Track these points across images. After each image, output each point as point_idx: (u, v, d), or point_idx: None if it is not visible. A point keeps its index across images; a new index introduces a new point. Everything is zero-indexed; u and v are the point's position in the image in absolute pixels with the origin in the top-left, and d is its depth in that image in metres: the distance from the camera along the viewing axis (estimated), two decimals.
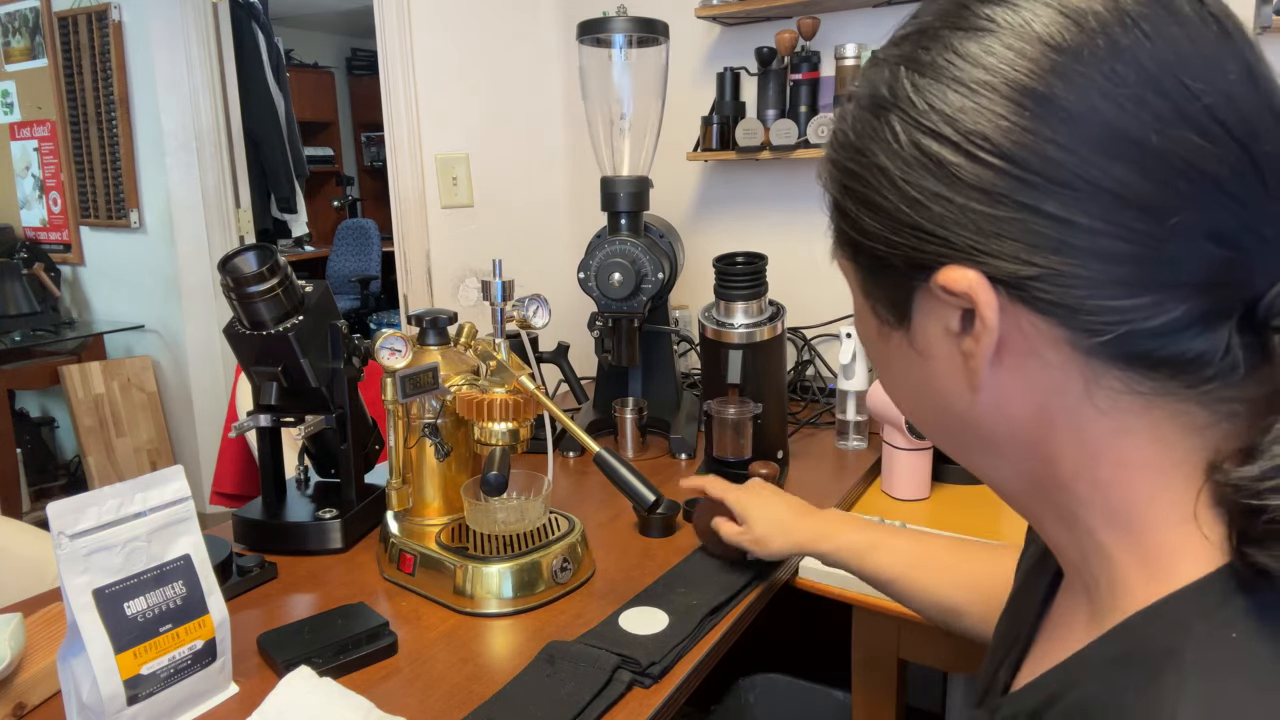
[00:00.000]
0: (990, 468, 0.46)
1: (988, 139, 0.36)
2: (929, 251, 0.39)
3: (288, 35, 5.43)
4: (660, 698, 0.88)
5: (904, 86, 0.39)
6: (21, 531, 1.56)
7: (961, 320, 0.40)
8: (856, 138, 0.41)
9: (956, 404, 0.43)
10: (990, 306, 0.38)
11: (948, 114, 0.37)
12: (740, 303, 1.35)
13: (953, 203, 0.37)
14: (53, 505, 0.77)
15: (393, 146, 2.05)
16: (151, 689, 0.81)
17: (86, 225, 3.50)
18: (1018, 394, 0.40)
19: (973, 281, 0.38)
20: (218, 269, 1.13)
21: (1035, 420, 0.41)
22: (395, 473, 1.15)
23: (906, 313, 0.42)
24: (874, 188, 0.40)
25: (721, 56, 1.92)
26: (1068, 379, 0.39)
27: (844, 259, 0.46)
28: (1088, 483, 0.41)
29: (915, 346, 0.43)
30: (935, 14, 0.39)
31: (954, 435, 0.46)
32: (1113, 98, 0.35)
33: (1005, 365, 0.40)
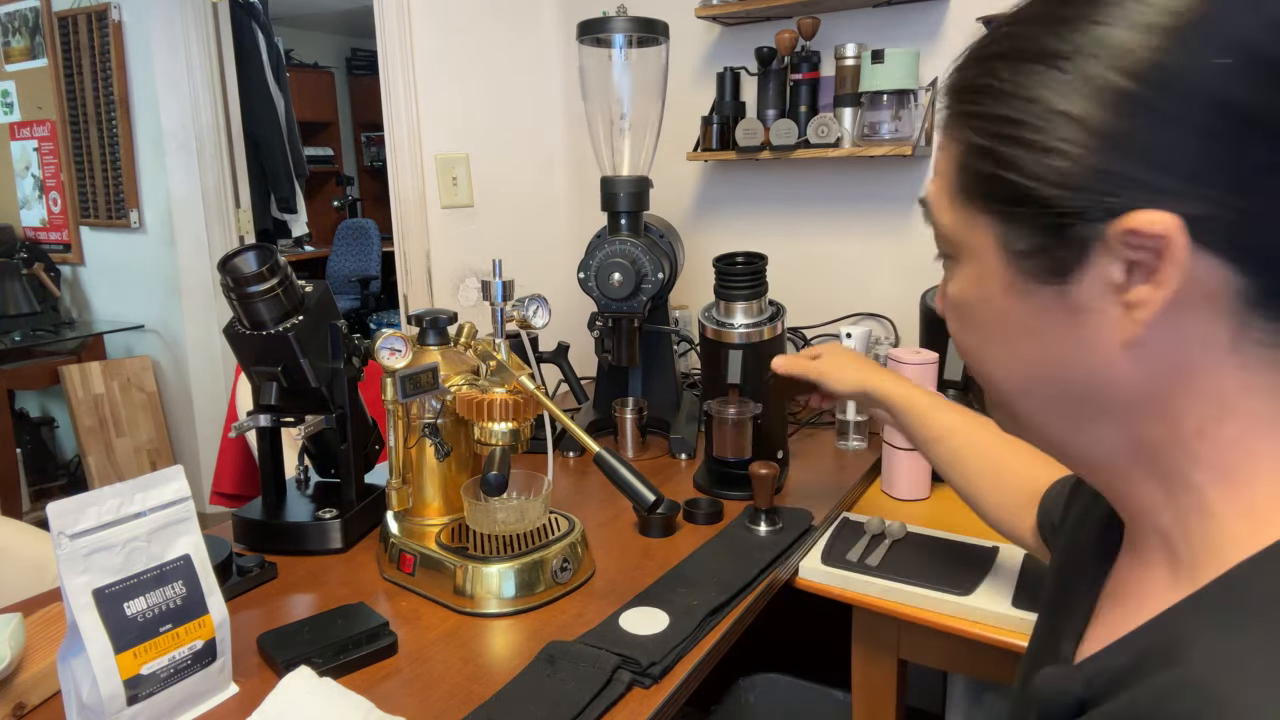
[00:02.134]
0: (1094, 436, 0.45)
1: (1181, 76, 0.37)
2: (1117, 195, 0.38)
3: (288, 35, 5.43)
4: (660, 698, 0.88)
5: (1090, 35, 0.39)
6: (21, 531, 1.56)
7: (1127, 270, 0.40)
8: (1023, 87, 0.41)
9: (1097, 362, 0.42)
10: (1183, 249, 0.37)
11: (1149, 58, 0.37)
12: (740, 303, 1.35)
13: (1156, 143, 0.37)
14: (53, 505, 0.77)
15: (393, 146, 2.05)
16: (151, 689, 0.81)
17: (86, 225, 3.50)
18: (1167, 348, 0.40)
19: (1169, 224, 0.37)
20: (218, 269, 1.13)
21: (1174, 375, 0.41)
22: (395, 473, 1.15)
23: (1069, 265, 0.41)
24: (1052, 133, 0.40)
25: (721, 56, 1.92)
26: (1218, 331, 0.39)
27: (978, 214, 0.44)
28: (1209, 440, 0.41)
29: (1069, 300, 0.42)
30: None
31: (1071, 401, 0.45)
32: None
33: (1165, 317, 0.39)
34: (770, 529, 1.22)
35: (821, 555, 1.19)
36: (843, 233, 1.83)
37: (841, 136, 1.68)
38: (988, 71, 0.43)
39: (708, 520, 1.27)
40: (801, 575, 1.18)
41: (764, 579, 1.11)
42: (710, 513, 1.28)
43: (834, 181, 1.84)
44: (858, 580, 1.14)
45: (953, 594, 1.08)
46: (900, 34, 1.73)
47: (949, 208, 0.46)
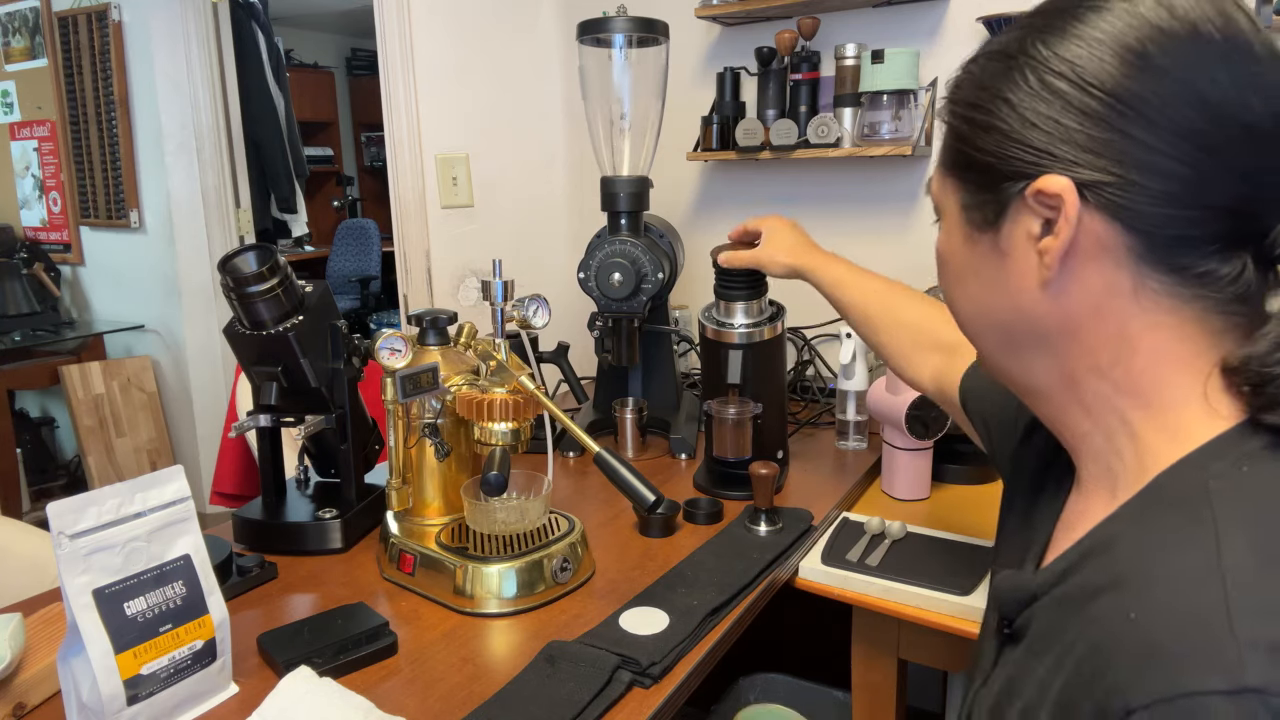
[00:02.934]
0: (1032, 364, 0.56)
1: (1098, 79, 0.48)
2: (1031, 161, 0.50)
3: (288, 35, 5.43)
4: (660, 698, 0.88)
5: (1033, 44, 0.51)
6: (21, 531, 1.56)
7: (1042, 226, 0.51)
8: (985, 80, 0.53)
9: (1024, 300, 0.53)
10: (1074, 206, 0.49)
11: (1070, 60, 0.49)
12: (740, 303, 1.35)
13: (1060, 124, 0.49)
14: (53, 505, 0.77)
15: (393, 146, 2.05)
16: (151, 689, 0.81)
17: (86, 225, 3.50)
18: (1077, 291, 0.51)
19: (1064, 185, 0.49)
20: (218, 269, 1.13)
21: (1087, 314, 0.51)
22: (395, 473, 1.15)
23: (1000, 216, 0.53)
24: (995, 115, 0.52)
25: (721, 56, 1.92)
26: (1119, 279, 0.50)
27: (949, 179, 0.57)
28: (1123, 370, 0.51)
29: (1000, 247, 0.54)
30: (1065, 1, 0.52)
31: (1010, 333, 0.56)
32: (1192, 65, 0.47)
33: (1072, 266, 0.51)
34: (770, 529, 1.22)
35: (821, 555, 1.19)
36: (843, 233, 1.83)
37: (841, 136, 1.68)
38: (968, 70, 0.55)
39: (708, 520, 1.27)
40: (801, 575, 1.18)
41: (764, 579, 1.11)
42: (710, 513, 1.28)
43: (834, 181, 1.84)
44: (858, 580, 1.14)
45: (953, 594, 1.08)
46: (900, 34, 1.73)
47: (936, 177, 0.59)
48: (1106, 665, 0.42)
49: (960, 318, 0.61)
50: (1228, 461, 0.47)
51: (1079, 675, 0.43)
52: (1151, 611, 0.42)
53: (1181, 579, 0.42)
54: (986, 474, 1.44)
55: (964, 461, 1.44)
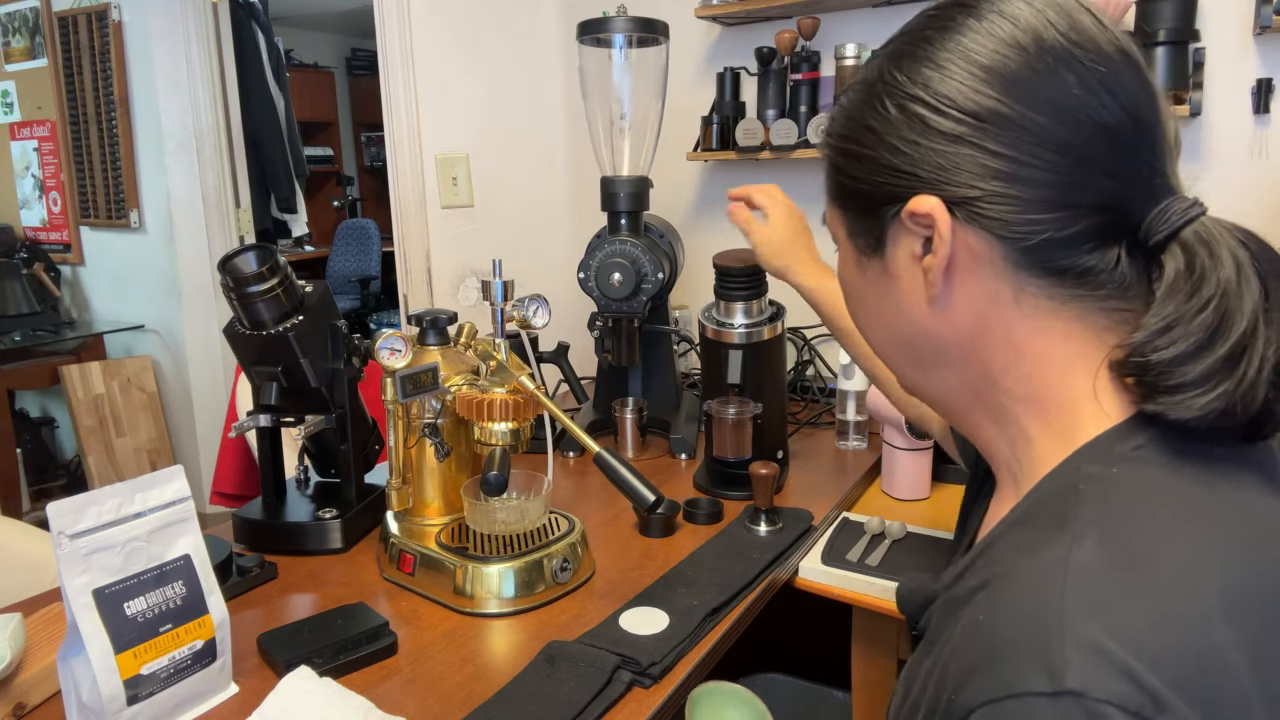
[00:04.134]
0: (940, 380, 0.57)
1: (952, 99, 0.49)
2: (902, 185, 0.51)
3: (288, 35, 5.42)
4: (660, 698, 0.88)
5: (889, 72, 0.52)
6: (21, 531, 1.56)
7: (923, 245, 0.52)
8: (852, 112, 0.54)
9: (917, 317, 0.54)
10: (945, 224, 0.50)
11: (923, 83, 0.50)
12: (740, 303, 1.35)
13: (922, 146, 0.50)
14: (53, 505, 0.77)
15: (393, 146, 2.05)
16: (151, 689, 0.81)
17: (86, 225, 3.50)
18: (963, 304, 0.52)
19: (933, 204, 0.50)
20: (218, 269, 1.13)
21: (976, 325, 0.52)
22: (395, 473, 1.15)
23: (882, 241, 0.54)
24: (863, 144, 0.53)
25: (721, 56, 1.92)
26: (1000, 288, 0.50)
27: (834, 209, 0.59)
28: (1014, 377, 0.52)
29: (888, 271, 0.55)
30: (914, 23, 0.53)
31: (913, 351, 0.57)
32: (1042, 72, 0.48)
33: (954, 280, 0.51)
34: (770, 529, 1.22)
35: (821, 555, 1.19)
36: None
37: None
38: (841, 103, 0.56)
39: (708, 520, 1.27)
40: (801, 575, 1.18)
41: (764, 579, 1.11)
42: (710, 513, 1.28)
43: None
44: (858, 580, 1.14)
45: None
46: None
47: (827, 208, 0.60)
48: (958, 665, 0.42)
49: (870, 343, 0.62)
50: (1102, 462, 0.47)
51: (943, 675, 0.44)
52: (997, 612, 0.42)
53: (1028, 579, 0.43)
54: None
55: None
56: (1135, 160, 0.48)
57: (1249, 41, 1.47)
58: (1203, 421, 0.45)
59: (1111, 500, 0.45)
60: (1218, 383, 0.44)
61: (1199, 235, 0.47)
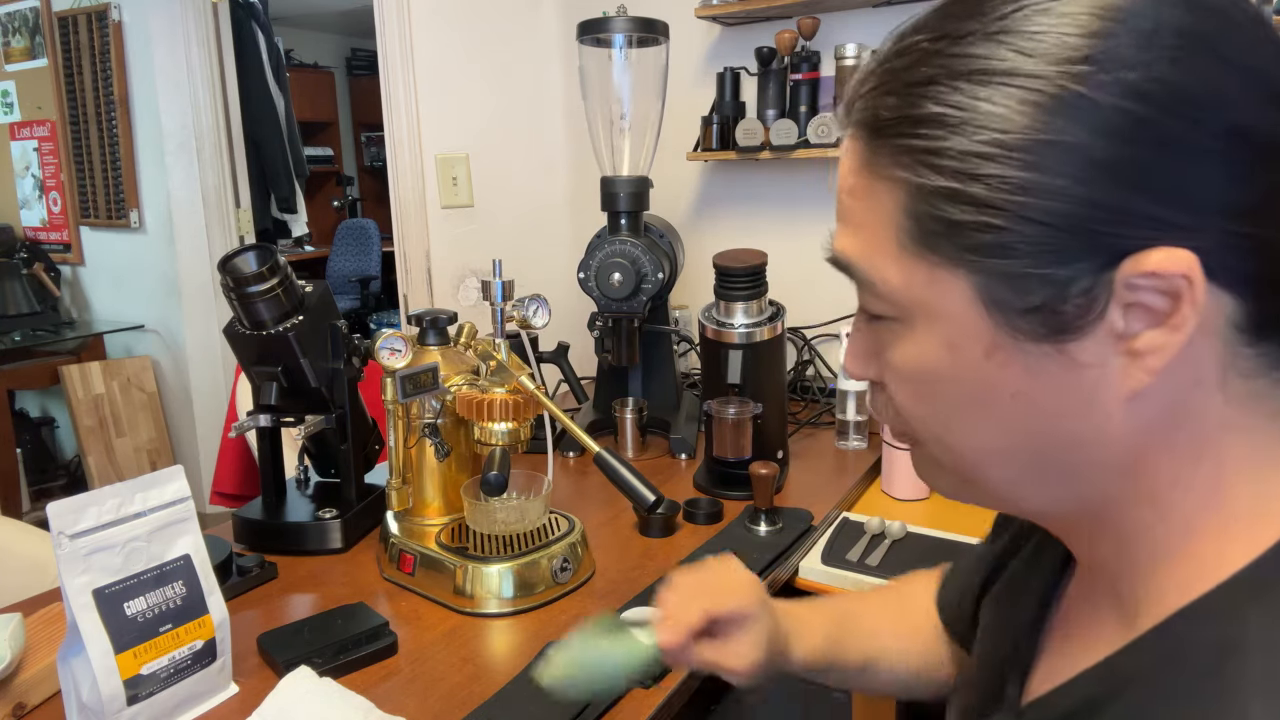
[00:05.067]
0: (1059, 496, 0.40)
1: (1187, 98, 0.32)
2: (1127, 235, 0.33)
3: (288, 35, 5.42)
4: (660, 698, 0.88)
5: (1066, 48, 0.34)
6: (21, 531, 1.56)
7: (1126, 316, 0.34)
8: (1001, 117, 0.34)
9: (1085, 424, 0.37)
10: (1202, 288, 0.33)
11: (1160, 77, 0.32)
12: (740, 303, 1.35)
13: (1164, 170, 0.32)
14: (53, 505, 0.77)
15: (393, 146, 2.05)
16: (151, 689, 0.81)
17: (86, 225, 3.50)
18: (1165, 393, 0.36)
19: (1190, 262, 0.33)
20: (218, 269, 1.13)
21: (1162, 425, 0.36)
22: (395, 473, 1.15)
23: (1075, 318, 0.35)
24: (1043, 168, 0.33)
25: (721, 56, 1.92)
26: (1209, 367, 0.35)
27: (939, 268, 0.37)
28: (1183, 489, 0.37)
29: (1068, 358, 0.36)
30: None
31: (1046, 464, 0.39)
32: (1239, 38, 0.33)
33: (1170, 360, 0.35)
34: (770, 529, 1.22)
35: (821, 555, 1.19)
36: None
37: (842, 136, 1.68)
38: (929, 97, 0.36)
39: (708, 520, 1.27)
40: (801, 575, 1.18)
41: (764, 579, 1.11)
42: (710, 513, 1.28)
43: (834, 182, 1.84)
44: (858, 580, 1.14)
45: None
46: None
47: (894, 262, 0.39)
48: None
49: (955, 451, 0.42)
50: (1267, 605, 0.34)
51: None
52: None
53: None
54: None
55: None
56: None
57: None
58: None
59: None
60: None
61: None
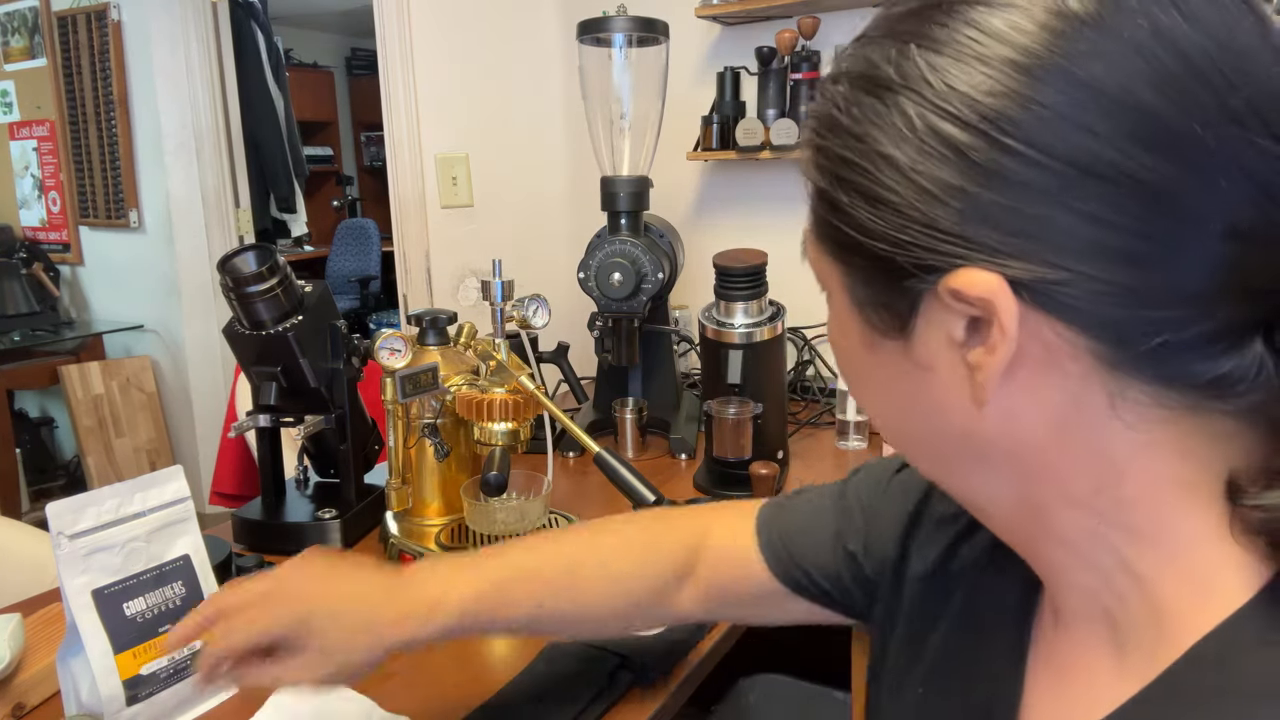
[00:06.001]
0: (981, 487, 0.42)
1: (1015, 124, 0.32)
2: (942, 251, 0.34)
3: (288, 35, 5.42)
4: (660, 698, 0.88)
5: (915, 65, 0.34)
6: (21, 531, 1.56)
7: (967, 328, 0.36)
8: (853, 122, 0.37)
9: (955, 419, 0.38)
10: (1011, 314, 0.33)
11: (970, 96, 0.33)
12: (740, 303, 1.35)
13: (973, 196, 0.33)
14: (52, 505, 0.77)
15: (393, 146, 2.05)
16: (151, 689, 0.81)
17: (86, 225, 3.50)
18: (1031, 409, 0.36)
19: (992, 285, 0.33)
20: (217, 269, 1.13)
21: (1049, 437, 0.37)
22: (395, 473, 1.15)
23: (906, 320, 0.38)
24: (877, 180, 0.35)
25: (721, 56, 1.92)
26: (1089, 392, 0.35)
27: (826, 258, 0.41)
28: (1110, 498, 0.37)
29: (912, 357, 0.38)
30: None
31: (943, 453, 0.42)
32: (1153, 83, 0.31)
33: (1019, 379, 0.36)
34: None
35: None
36: None
37: None
38: (832, 97, 0.38)
39: None
40: None
41: None
42: None
43: None
44: None
45: None
46: None
47: (813, 248, 0.42)
48: None
49: (872, 421, 0.47)
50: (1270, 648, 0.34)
51: None
52: None
53: None
54: None
55: None
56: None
57: None
58: None
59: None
60: None
61: None
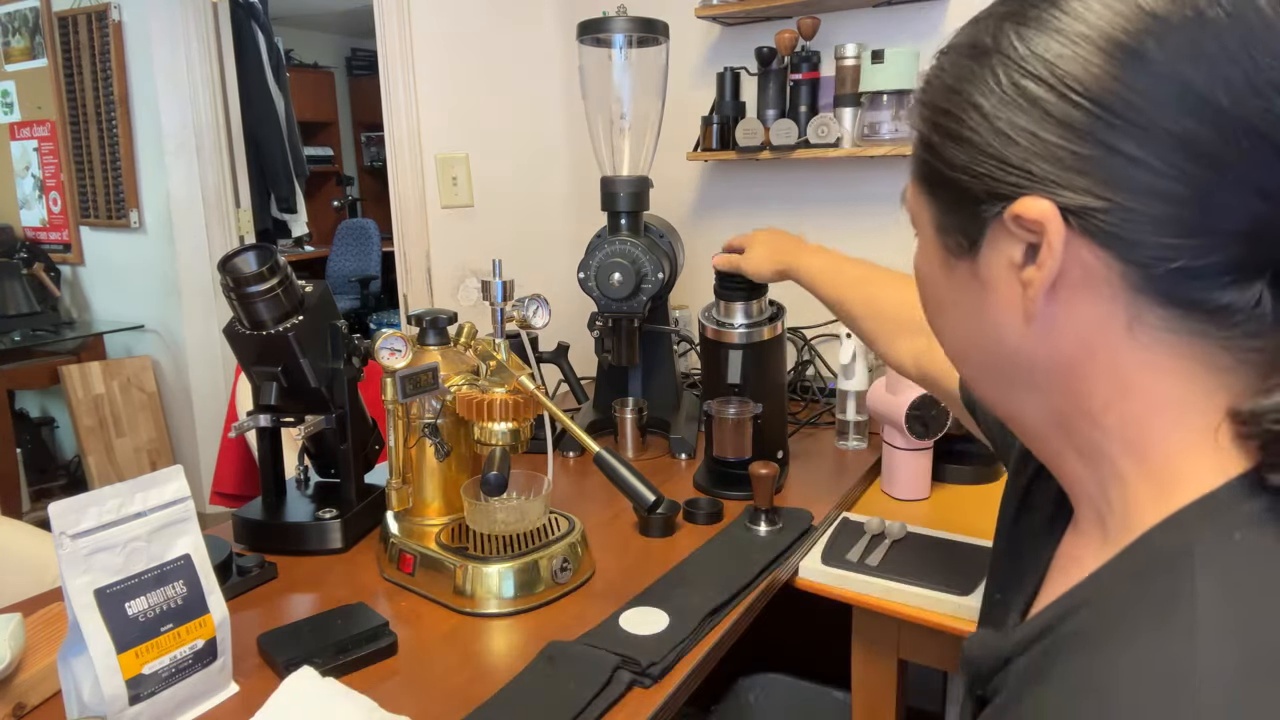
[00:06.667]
0: (1023, 403, 0.50)
1: (1080, 82, 0.41)
2: (1009, 182, 0.43)
3: (288, 35, 5.42)
4: (660, 698, 0.88)
5: (1007, 37, 0.43)
6: (21, 531, 1.56)
7: (1025, 253, 0.44)
8: (954, 80, 0.46)
9: (1008, 335, 0.47)
10: (1058, 235, 0.42)
11: (1047, 59, 0.42)
12: (740, 303, 1.35)
13: (1039, 138, 0.42)
14: (54, 505, 0.77)
15: (393, 146, 2.05)
16: (153, 689, 0.82)
17: (86, 225, 3.50)
18: (1067, 326, 0.44)
19: (1046, 210, 0.42)
20: (218, 269, 1.13)
21: (1079, 352, 0.45)
22: (395, 473, 1.15)
23: (977, 241, 0.46)
24: (965, 124, 0.45)
25: (721, 56, 1.92)
26: (1114, 314, 0.43)
27: (921, 194, 0.50)
28: (1117, 415, 0.45)
29: (979, 276, 0.47)
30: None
31: (997, 369, 0.50)
32: (1193, 60, 0.39)
33: (1060, 297, 0.44)
34: (770, 529, 1.22)
35: (821, 555, 1.19)
36: (843, 233, 1.83)
37: (841, 136, 1.68)
38: (939, 64, 0.48)
39: (708, 520, 1.28)
40: (801, 575, 1.18)
41: (764, 579, 1.11)
42: (710, 513, 1.28)
43: (834, 181, 1.84)
44: (858, 580, 1.14)
45: (953, 594, 1.08)
46: (900, 34, 1.73)
47: (910, 188, 0.52)
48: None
49: (944, 345, 0.55)
50: (1220, 525, 0.41)
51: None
52: (1105, 707, 0.37)
53: (1144, 671, 0.37)
54: (986, 474, 1.44)
55: (964, 461, 1.44)
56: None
57: None
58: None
59: (1234, 574, 0.38)
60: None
61: None
